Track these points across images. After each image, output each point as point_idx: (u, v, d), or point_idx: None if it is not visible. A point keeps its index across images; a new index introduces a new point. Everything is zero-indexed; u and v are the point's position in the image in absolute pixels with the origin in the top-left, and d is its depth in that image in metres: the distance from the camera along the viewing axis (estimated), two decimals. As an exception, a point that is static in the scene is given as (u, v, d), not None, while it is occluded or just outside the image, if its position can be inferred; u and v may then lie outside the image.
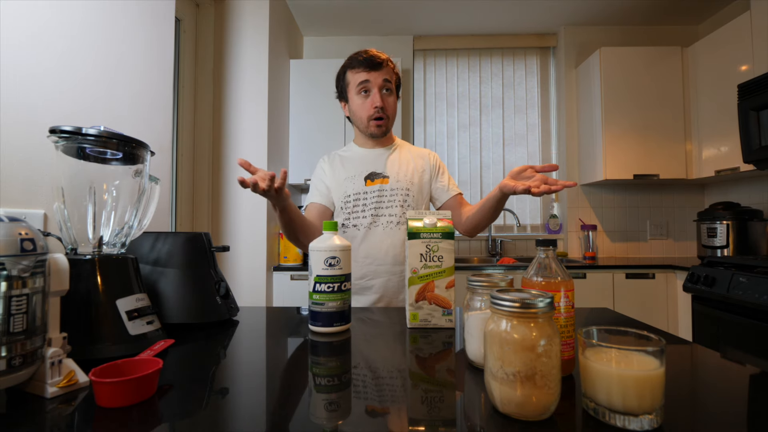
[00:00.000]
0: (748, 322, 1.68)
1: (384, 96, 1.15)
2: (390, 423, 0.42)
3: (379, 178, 1.18)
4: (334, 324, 0.75)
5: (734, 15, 2.45)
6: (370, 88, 1.14)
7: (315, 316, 0.76)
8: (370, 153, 1.23)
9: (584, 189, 2.91)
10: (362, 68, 1.14)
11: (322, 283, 0.75)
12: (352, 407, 0.46)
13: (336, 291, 0.75)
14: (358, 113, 1.18)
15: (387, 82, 1.15)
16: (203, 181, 2.15)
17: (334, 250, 0.76)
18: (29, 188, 0.87)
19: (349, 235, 1.17)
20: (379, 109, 1.14)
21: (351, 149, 1.26)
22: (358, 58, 1.15)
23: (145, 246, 0.82)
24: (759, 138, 1.94)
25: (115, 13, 1.16)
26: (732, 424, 0.42)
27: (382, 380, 0.54)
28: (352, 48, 3.27)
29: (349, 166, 1.21)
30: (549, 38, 3.06)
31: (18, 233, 0.44)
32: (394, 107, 1.20)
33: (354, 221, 1.16)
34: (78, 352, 0.55)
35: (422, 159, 1.24)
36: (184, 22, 2.05)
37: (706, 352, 0.66)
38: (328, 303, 0.75)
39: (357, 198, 1.17)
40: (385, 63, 1.15)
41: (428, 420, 0.43)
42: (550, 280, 0.54)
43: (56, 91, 0.97)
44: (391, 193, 1.17)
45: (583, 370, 0.44)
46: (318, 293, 0.75)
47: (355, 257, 1.14)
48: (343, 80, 1.20)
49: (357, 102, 1.17)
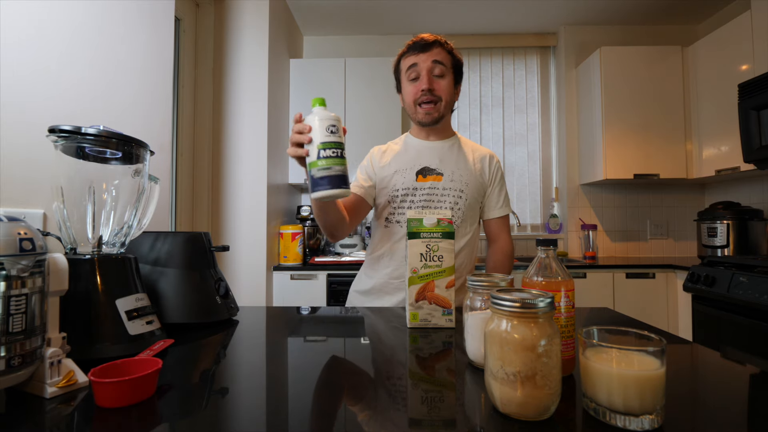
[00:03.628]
0: (748, 321, 1.68)
1: (434, 79, 1.05)
2: (390, 423, 0.42)
3: (432, 175, 1.09)
4: (342, 186, 0.75)
5: (734, 14, 2.45)
6: (419, 72, 1.06)
7: (321, 181, 0.74)
8: (425, 145, 1.14)
9: (584, 189, 2.91)
10: (411, 52, 1.07)
11: (327, 148, 0.74)
12: (352, 407, 0.46)
13: (338, 156, 0.75)
14: (407, 99, 1.10)
15: (437, 63, 1.05)
16: (203, 181, 2.14)
17: (331, 119, 0.76)
18: (28, 188, 0.86)
19: (391, 231, 1.10)
20: (426, 91, 1.04)
21: (405, 141, 1.18)
22: (409, 43, 1.08)
23: (144, 246, 0.82)
24: (759, 137, 1.94)
25: (114, 12, 1.16)
26: (732, 423, 0.42)
27: (382, 380, 0.54)
28: (352, 48, 3.27)
29: (400, 159, 1.13)
30: (549, 38, 3.05)
31: (17, 233, 0.44)
32: (449, 90, 1.08)
33: (398, 217, 1.09)
34: (77, 352, 0.55)
35: (483, 161, 1.16)
36: (183, 22, 2.05)
37: (706, 352, 0.66)
38: (334, 167, 0.74)
39: (406, 194, 1.08)
40: (438, 43, 1.06)
41: (428, 420, 0.43)
42: (550, 280, 0.54)
43: (56, 90, 0.96)
44: (443, 192, 1.08)
45: (583, 370, 0.44)
46: (323, 159, 0.74)
47: (392, 255, 1.10)
48: (398, 70, 1.13)
49: (407, 88, 1.09)
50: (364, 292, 1.15)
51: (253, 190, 2.19)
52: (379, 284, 1.11)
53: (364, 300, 1.15)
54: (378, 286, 1.11)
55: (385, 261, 1.11)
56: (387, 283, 1.10)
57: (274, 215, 2.35)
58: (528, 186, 3.04)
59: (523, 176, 3.04)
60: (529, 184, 3.04)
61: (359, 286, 1.18)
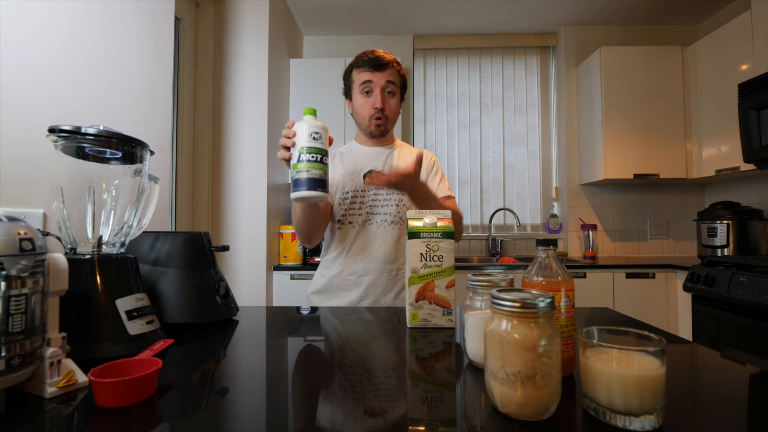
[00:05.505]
0: (748, 321, 1.68)
1: (386, 98, 1.17)
2: (390, 423, 0.42)
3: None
4: (318, 189, 0.82)
5: (734, 14, 2.45)
6: (372, 89, 1.16)
7: (298, 182, 0.82)
8: (370, 151, 1.24)
9: (584, 188, 2.91)
10: (366, 68, 1.15)
11: (307, 153, 0.82)
12: (352, 407, 0.46)
13: (318, 161, 0.82)
14: (360, 112, 1.20)
15: (390, 83, 1.16)
16: (203, 181, 2.14)
17: (316, 127, 0.83)
18: (28, 187, 0.86)
19: (344, 231, 1.18)
20: (379, 110, 1.16)
21: (351, 147, 1.28)
22: (364, 57, 1.16)
23: (144, 246, 0.81)
24: (759, 137, 1.94)
25: (114, 12, 1.16)
26: (732, 423, 0.42)
27: (382, 380, 0.54)
28: (352, 47, 3.28)
29: (348, 163, 1.22)
30: (549, 38, 3.05)
31: (17, 233, 0.44)
32: (396, 109, 1.21)
33: (350, 218, 1.18)
34: (77, 352, 0.55)
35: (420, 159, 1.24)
36: (183, 22, 2.05)
37: (706, 352, 0.66)
38: (311, 170, 0.81)
39: (355, 195, 1.18)
40: (391, 64, 1.16)
41: (428, 420, 0.43)
42: (550, 280, 0.54)
43: (55, 90, 0.96)
44: (388, 192, 1.18)
45: (583, 370, 0.44)
46: (302, 162, 0.81)
47: (348, 253, 1.18)
48: (349, 78, 1.21)
49: (359, 101, 1.19)
50: (318, 291, 1.22)
51: (253, 190, 2.19)
52: (336, 281, 1.18)
53: (320, 300, 1.21)
54: (335, 282, 1.18)
55: (342, 260, 1.19)
56: (343, 280, 1.17)
57: (274, 215, 2.35)
58: (528, 186, 3.04)
59: (523, 176, 3.04)
60: (529, 184, 3.04)
61: (315, 287, 1.24)
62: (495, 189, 3.03)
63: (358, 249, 1.17)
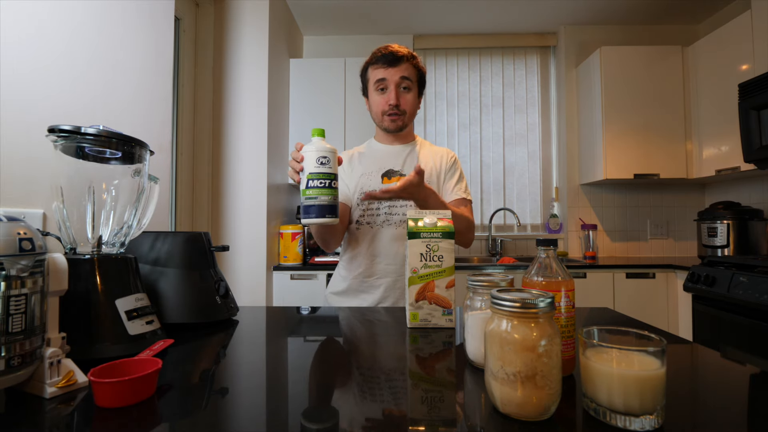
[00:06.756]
0: (748, 321, 1.68)
1: (401, 93, 1.14)
2: (390, 423, 0.42)
3: (396, 176, 1.16)
4: (326, 215, 0.81)
5: (734, 14, 2.44)
6: (387, 85, 1.14)
7: (308, 209, 0.81)
8: (389, 149, 1.22)
9: (584, 188, 2.91)
10: (380, 64, 1.13)
11: (314, 179, 0.81)
12: (352, 407, 0.46)
13: (327, 187, 0.81)
14: (374, 109, 1.18)
15: (405, 79, 1.13)
16: (203, 181, 2.14)
17: (324, 151, 0.82)
18: (28, 187, 0.86)
19: (362, 232, 1.16)
20: (393, 106, 1.13)
21: (370, 145, 1.26)
22: (378, 54, 1.14)
23: (144, 246, 0.81)
24: (759, 137, 1.94)
25: (114, 12, 1.16)
26: (732, 423, 0.42)
27: (382, 380, 0.54)
28: (352, 47, 3.27)
29: (366, 163, 1.20)
30: (549, 37, 3.05)
31: (16, 233, 0.44)
32: (413, 104, 1.18)
33: (368, 218, 1.15)
34: (77, 352, 0.55)
35: (440, 159, 1.22)
36: (183, 22, 2.05)
37: (706, 352, 0.66)
38: (320, 197, 0.81)
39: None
40: (405, 58, 1.13)
41: (428, 420, 0.43)
42: (550, 280, 0.54)
43: (55, 89, 0.96)
44: None
45: (583, 370, 0.44)
46: (311, 189, 0.81)
47: (365, 255, 1.15)
48: (365, 76, 1.19)
49: (375, 98, 1.17)
50: (339, 293, 1.19)
51: (253, 190, 2.19)
52: (355, 284, 1.16)
53: (340, 301, 1.19)
54: (354, 285, 1.16)
55: (359, 260, 1.16)
56: (362, 282, 1.15)
57: (274, 215, 2.35)
58: (528, 186, 3.04)
59: (523, 176, 3.04)
60: (529, 184, 3.04)
61: (334, 288, 1.22)
62: (495, 189, 3.03)
63: (376, 250, 1.14)
